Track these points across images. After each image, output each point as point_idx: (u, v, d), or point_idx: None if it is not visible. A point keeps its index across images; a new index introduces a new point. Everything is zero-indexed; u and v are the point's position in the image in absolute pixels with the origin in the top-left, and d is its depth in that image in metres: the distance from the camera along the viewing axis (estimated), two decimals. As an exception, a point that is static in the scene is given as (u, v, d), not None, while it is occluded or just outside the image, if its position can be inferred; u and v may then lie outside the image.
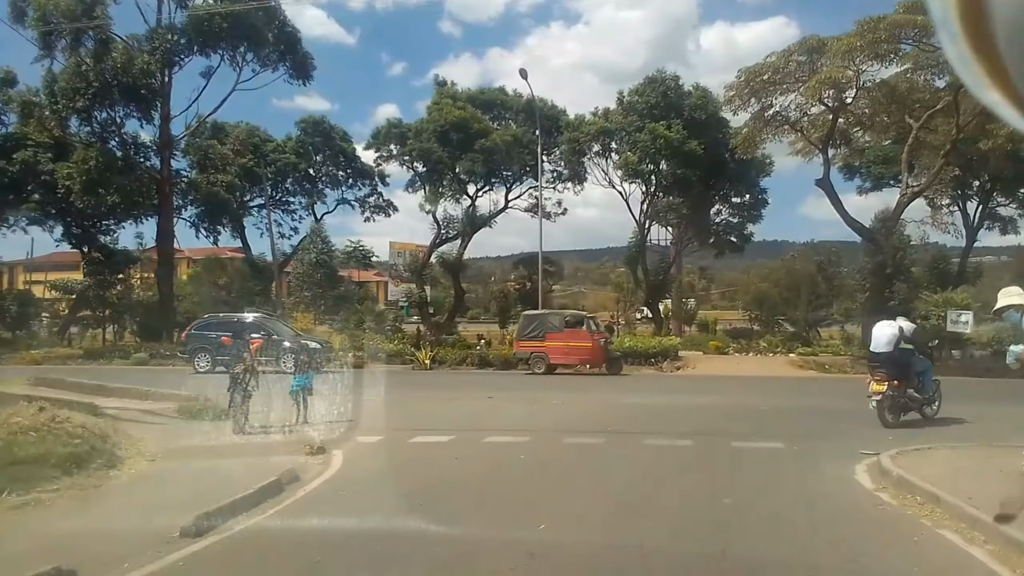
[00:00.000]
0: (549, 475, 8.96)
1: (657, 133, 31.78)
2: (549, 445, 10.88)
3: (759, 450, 10.12)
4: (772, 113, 24.74)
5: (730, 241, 37.29)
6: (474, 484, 8.48)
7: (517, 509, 7.29)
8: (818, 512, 6.82)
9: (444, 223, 37.70)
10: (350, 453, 9.53)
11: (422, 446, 10.51)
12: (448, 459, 9.76)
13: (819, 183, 25.80)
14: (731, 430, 12.07)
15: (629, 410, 14.83)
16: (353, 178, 40.50)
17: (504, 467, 9.37)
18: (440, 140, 34.19)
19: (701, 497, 7.57)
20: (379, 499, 7.51)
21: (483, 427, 12.24)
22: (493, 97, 36.30)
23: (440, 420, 13.29)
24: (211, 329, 23.24)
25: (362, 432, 10.89)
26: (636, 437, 11.51)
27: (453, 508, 7.13)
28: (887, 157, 33.12)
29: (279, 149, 38.59)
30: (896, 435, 10.80)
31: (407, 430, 11.27)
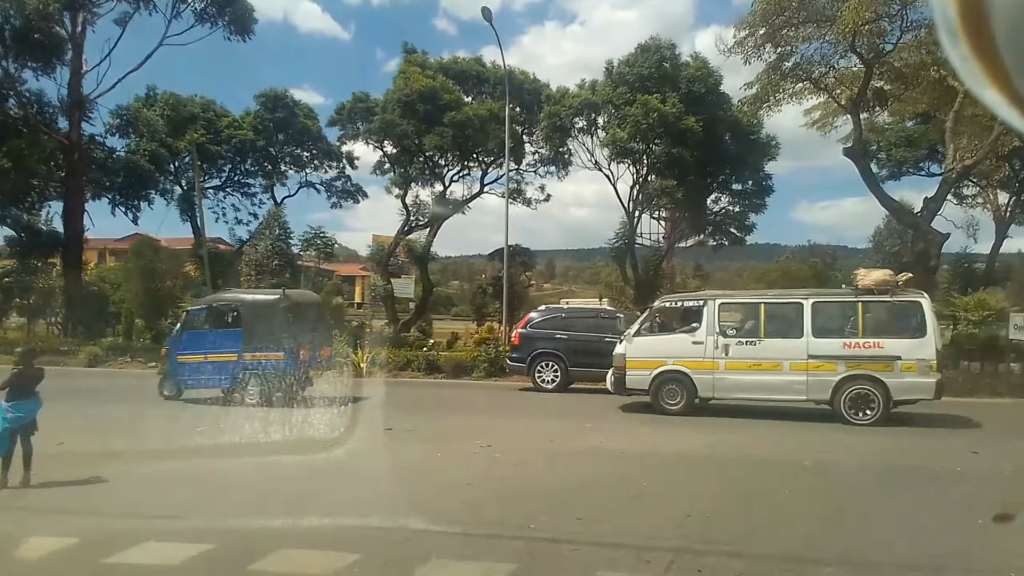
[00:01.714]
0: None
1: (650, 106, 25.68)
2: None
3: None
4: (791, 64, 18.55)
5: (730, 233, 31.01)
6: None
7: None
8: None
9: (414, 209, 31.74)
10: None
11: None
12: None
13: (847, 152, 19.73)
14: (770, 538, 5.92)
15: (583, 466, 8.69)
16: (319, 159, 34.45)
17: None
18: (405, 112, 28.12)
19: None
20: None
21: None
22: (468, 67, 30.16)
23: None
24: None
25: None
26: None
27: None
28: (910, 138, 27.05)
29: (235, 125, 32.54)
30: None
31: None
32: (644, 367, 12.47)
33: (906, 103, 22.58)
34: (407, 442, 9.45)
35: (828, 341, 11.55)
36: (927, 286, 20.34)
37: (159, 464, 8.10)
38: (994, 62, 0.79)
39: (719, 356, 12.00)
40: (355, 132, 31.81)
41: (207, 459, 8.38)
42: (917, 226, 18.30)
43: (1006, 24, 0.76)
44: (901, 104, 22.61)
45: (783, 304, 12.34)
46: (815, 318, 11.62)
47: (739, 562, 5.02)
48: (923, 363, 11.16)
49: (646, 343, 12.69)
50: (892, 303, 11.64)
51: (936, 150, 27.47)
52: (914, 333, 11.34)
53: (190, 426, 10.34)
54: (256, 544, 5.29)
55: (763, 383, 11.74)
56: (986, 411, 14.15)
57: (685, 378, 12.24)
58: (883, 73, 18.40)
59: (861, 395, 11.37)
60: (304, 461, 8.26)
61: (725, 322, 12.58)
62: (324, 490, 7.14)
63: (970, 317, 19.71)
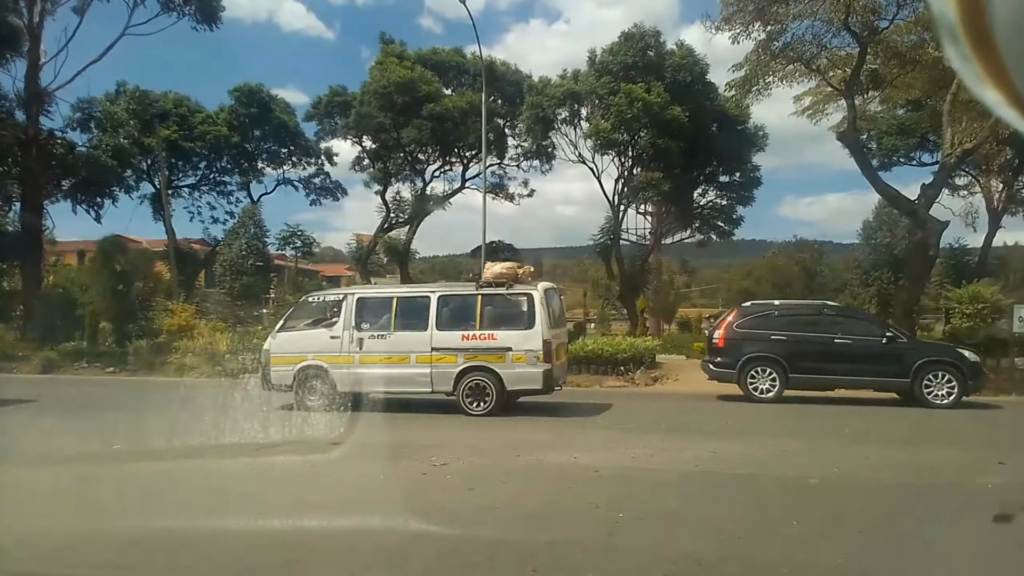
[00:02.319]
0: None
1: (634, 96, 24.34)
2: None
3: None
4: (782, 44, 17.15)
5: (717, 226, 29.65)
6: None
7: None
8: None
9: (394, 206, 30.30)
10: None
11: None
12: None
13: (841, 137, 18.36)
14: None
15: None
16: (297, 156, 32.88)
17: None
18: (382, 104, 26.66)
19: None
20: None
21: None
22: (447, 58, 28.69)
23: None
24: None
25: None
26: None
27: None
28: (902, 126, 25.69)
29: (209, 121, 30.90)
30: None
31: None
32: (287, 363, 12.10)
33: (899, 89, 21.22)
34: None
35: (450, 334, 11.57)
36: (926, 276, 19.13)
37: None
38: (994, 62, 0.78)
39: (354, 350, 11.79)
40: (333, 127, 30.40)
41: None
42: (915, 213, 16.93)
43: (1006, 24, 0.75)
44: (894, 90, 21.25)
45: (413, 298, 12.40)
46: (440, 312, 11.63)
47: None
48: (531, 354, 11.25)
49: (289, 339, 12.40)
50: (507, 296, 11.66)
51: (927, 139, 26.15)
52: (525, 325, 11.41)
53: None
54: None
55: (393, 376, 11.61)
56: (996, 412, 12.81)
57: (325, 373, 11.94)
58: (878, 53, 17.04)
59: (478, 386, 11.43)
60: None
61: (365, 316, 12.12)
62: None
63: (964, 310, 18.38)
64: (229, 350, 19.81)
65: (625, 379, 17.41)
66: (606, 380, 17.30)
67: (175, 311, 20.86)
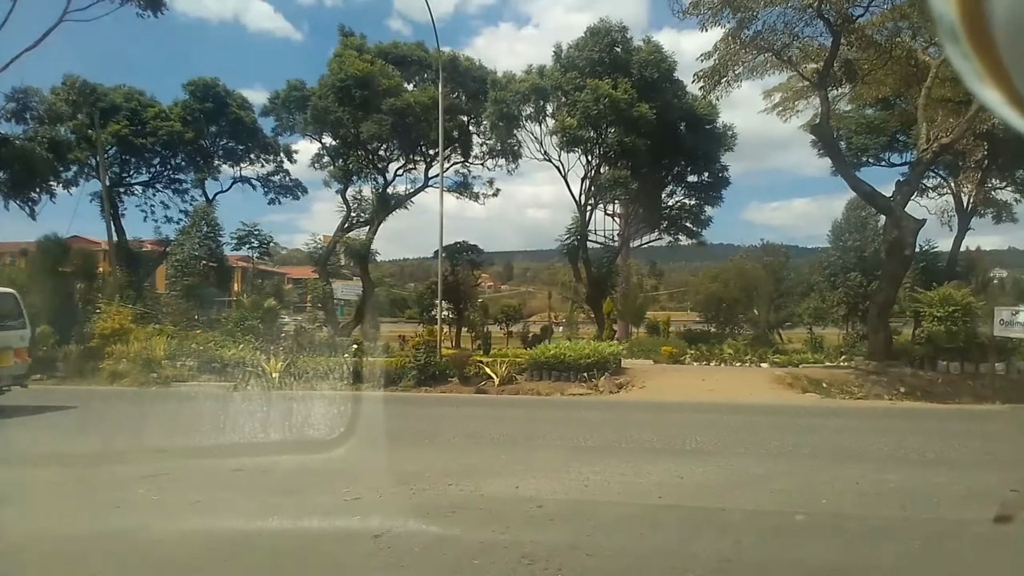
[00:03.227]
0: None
1: (601, 92, 23.07)
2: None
3: None
4: (752, 33, 15.90)
5: (685, 227, 28.47)
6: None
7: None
8: None
9: (355, 205, 28.67)
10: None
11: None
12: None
13: (815, 130, 17.21)
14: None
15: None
16: (255, 153, 31.05)
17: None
18: (340, 98, 25.04)
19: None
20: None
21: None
22: (409, 52, 27.11)
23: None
24: None
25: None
26: None
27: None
28: (871, 125, 24.72)
29: (162, 116, 28.98)
30: None
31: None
32: None
33: (870, 86, 20.12)
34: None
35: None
36: (901, 277, 18.01)
37: None
38: (994, 62, 0.77)
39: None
40: (291, 123, 28.66)
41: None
42: (890, 211, 15.78)
43: (1006, 24, 0.74)
44: (865, 87, 20.13)
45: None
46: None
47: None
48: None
49: None
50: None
51: (897, 139, 25.25)
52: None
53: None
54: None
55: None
56: (982, 422, 11.62)
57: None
58: (852, 42, 15.90)
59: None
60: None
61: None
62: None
63: (935, 313, 17.32)
64: (166, 355, 18.17)
65: (589, 386, 16.06)
66: (568, 387, 15.93)
67: (108, 314, 19.04)
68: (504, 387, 16.07)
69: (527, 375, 16.96)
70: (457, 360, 17.70)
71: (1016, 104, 0.80)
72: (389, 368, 16.91)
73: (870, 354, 17.29)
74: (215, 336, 19.78)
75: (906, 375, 15.95)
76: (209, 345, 18.28)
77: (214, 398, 14.11)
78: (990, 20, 0.75)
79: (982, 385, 15.03)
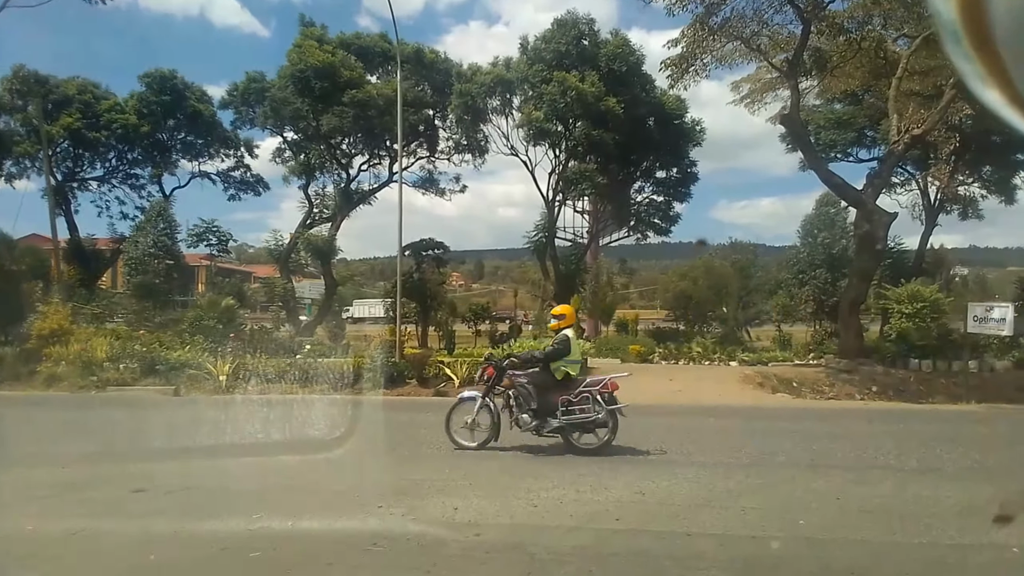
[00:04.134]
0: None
1: (568, 85, 22.22)
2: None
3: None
4: (721, 20, 15.10)
5: (654, 224, 27.75)
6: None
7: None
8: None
9: (317, 201, 27.52)
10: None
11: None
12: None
13: (785, 120, 16.51)
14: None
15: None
16: (214, 147, 29.71)
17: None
18: (299, 89, 23.86)
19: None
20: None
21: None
22: (372, 43, 25.96)
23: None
24: None
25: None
26: None
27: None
28: (840, 120, 24.22)
29: (116, 108, 27.54)
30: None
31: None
32: None
33: (839, 79, 19.53)
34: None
35: None
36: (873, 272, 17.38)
37: None
38: (995, 63, 0.76)
39: None
40: (251, 116, 27.40)
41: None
42: (862, 204, 15.11)
43: (1006, 25, 0.74)
44: (833, 80, 19.54)
45: None
46: None
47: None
48: None
49: None
50: None
51: (865, 134, 24.76)
52: None
53: None
54: None
55: None
56: (961, 425, 10.90)
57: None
58: (822, 30, 15.19)
59: None
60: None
61: None
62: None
63: (903, 309, 16.75)
64: (108, 358, 16.91)
65: (552, 387, 15.16)
66: (531, 388, 15.01)
67: (46, 313, 17.71)
68: (464, 388, 15.10)
69: (489, 375, 16.02)
70: (416, 360, 16.72)
71: (1017, 105, 0.79)
72: (344, 369, 15.84)
73: (841, 352, 16.64)
74: (162, 337, 18.53)
75: (877, 373, 15.31)
76: (153, 346, 17.03)
77: (148, 405, 12.96)
78: (990, 20, 0.73)
79: (955, 383, 14.42)
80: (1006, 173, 23.92)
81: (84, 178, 29.37)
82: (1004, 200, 24.46)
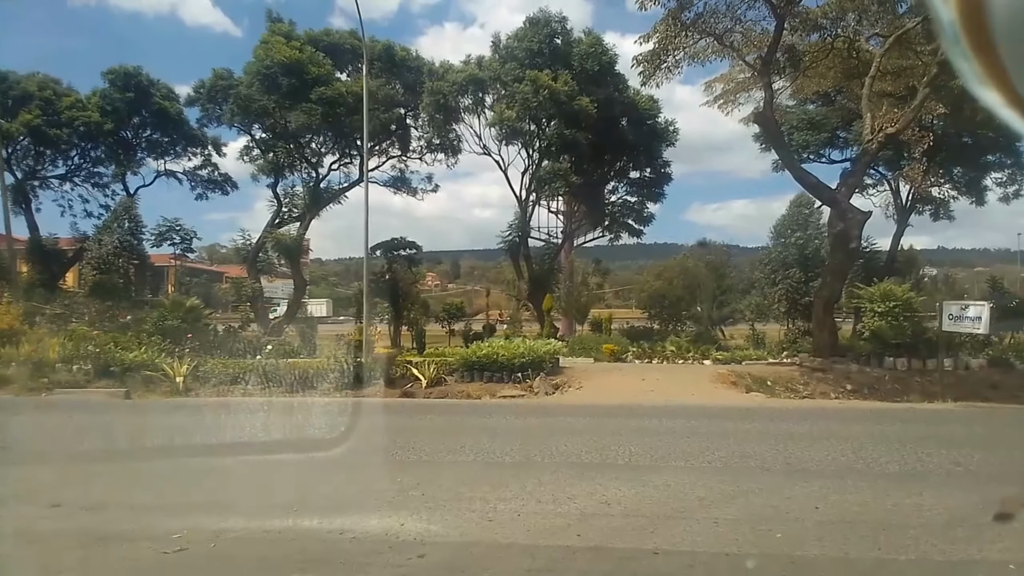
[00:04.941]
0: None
1: (540, 83, 21.67)
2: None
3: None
4: (694, 15, 14.65)
5: (627, 225, 27.32)
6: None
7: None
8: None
9: (287, 200, 26.69)
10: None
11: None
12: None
13: (758, 118, 16.11)
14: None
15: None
16: (181, 145, 28.73)
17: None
18: (266, 86, 23.07)
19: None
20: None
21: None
22: (341, 40, 25.21)
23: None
24: None
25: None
26: None
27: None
28: (812, 121, 23.97)
29: (78, 105, 26.50)
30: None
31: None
32: None
33: (811, 79, 19.25)
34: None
35: None
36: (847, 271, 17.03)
37: None
38: (994, 63, 0.75)
39: None
40: (218, 114, 26.49)
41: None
42: (835, 202, 14.75)
43: (1005, 24, 0.73)
44: (806, 80, 19.26)
45: None
46: None
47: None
48: None
49: None
50: None
51: (838, 135, 24.55)
52: None
53: None
54: None
55: None
56: (939, 425, 10.50)
57: None
58: (796, 27, 14.82)
59: None
60: None
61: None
62: None
63: (876, 308, 16.43)
64: (61, 359, 16.05)
65: (523, 387, 14.60)
66: (501, 389, 14.45)
67: (-5, 313, 16.81)
68: (432, 389, 14.49)
69: (457, 376, 15.43)
70: (384, 361, 16.07)
71: (1016, 105, 0.77)
72: (309, 370, 15.14)
73: (815, 350, 16.27)
74: (119, 337, 17.65)
75: (852, 372, 14.94)
76: (108, 347, 16.17)
77: (92, 408, 12.16)
78: (989, 20, 0.72)
79: (930, 382, 14.08)
80: (976, 174, 23.86)
81: (46, 176, 28.27)
82: (974, 201, 24.41)
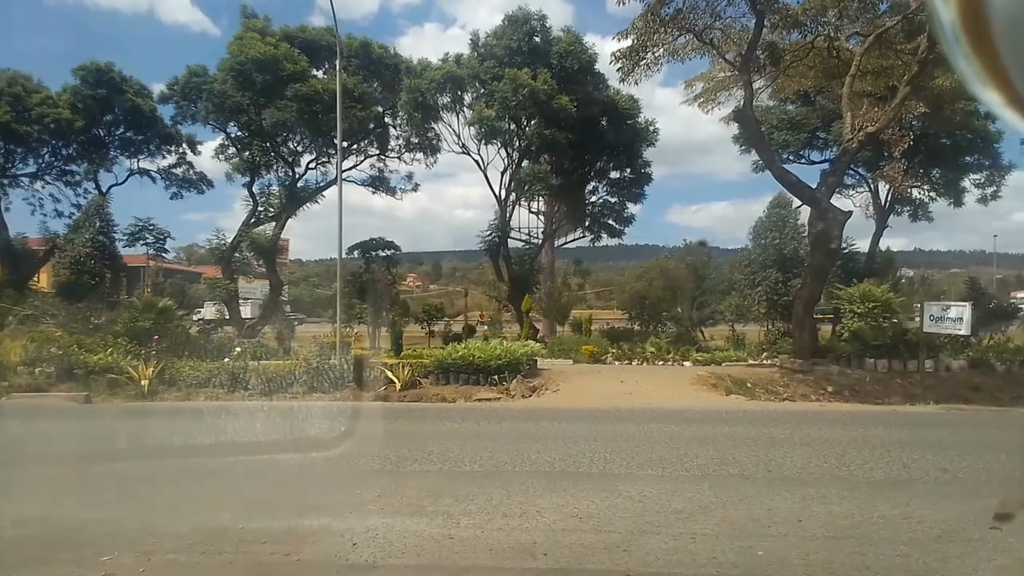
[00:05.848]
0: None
1: (520, 82, 21.29)
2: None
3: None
4: (673, 11, 14.29)
5: (608, 225, 26.97)
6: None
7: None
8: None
9: (262, 199, 26.07)
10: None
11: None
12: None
13: (739, 116, 15.81)
14: None
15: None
16: (155, 143, 27.96)
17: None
18: (241, 82, 22.46)
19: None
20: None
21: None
22: (317, 37, 24.64)
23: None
24: None
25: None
26: None
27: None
28: (793, 121, 23.76)
29: (49, 102, 25.68)
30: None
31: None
32: None
33: (792, 79, 19.01)
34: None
35: None
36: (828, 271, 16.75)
37: None
38: (994, 63, 0.74)
39: None
40: (192, 111, 25.78)
41: None
42: (816, 202, 14.47)
43: (1005, 24, 0.72)
44: (787, 79, 19.02)
45: None
46: None
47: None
48: None
49: None
50: None
51: (817, 136, 24.40)
52: None
53: None
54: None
55: None
56: (922, 428, 10.19)
57: None
58: (776, 23, 14.52)
59: None
60: None
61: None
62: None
63: (855, 309, 16.19)
64: (23, 361, 15.38)
65: (499, 390, 14.16)
66: (477, 391, 14.01)
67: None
68: (407, 392, 14.00)
69: (433, 378, 14.96)
70: (358, 363, 15.55)
71: (1016, 106, 0.77)
72: (280, 372, 14.60)
73: (795, 351, 15.99)
74: (84, 340, 16.98)
75: (833, 373, 14.66)
76: (71, 349, 15.52)
77: (45, 414, 11.56)
78: (989, 20, 0.72)
79: (911, 383, 13.84)
80: (955, 175, 23.79)
81: (15, 174, 27.40)
82: (952, 202, 24.34)
